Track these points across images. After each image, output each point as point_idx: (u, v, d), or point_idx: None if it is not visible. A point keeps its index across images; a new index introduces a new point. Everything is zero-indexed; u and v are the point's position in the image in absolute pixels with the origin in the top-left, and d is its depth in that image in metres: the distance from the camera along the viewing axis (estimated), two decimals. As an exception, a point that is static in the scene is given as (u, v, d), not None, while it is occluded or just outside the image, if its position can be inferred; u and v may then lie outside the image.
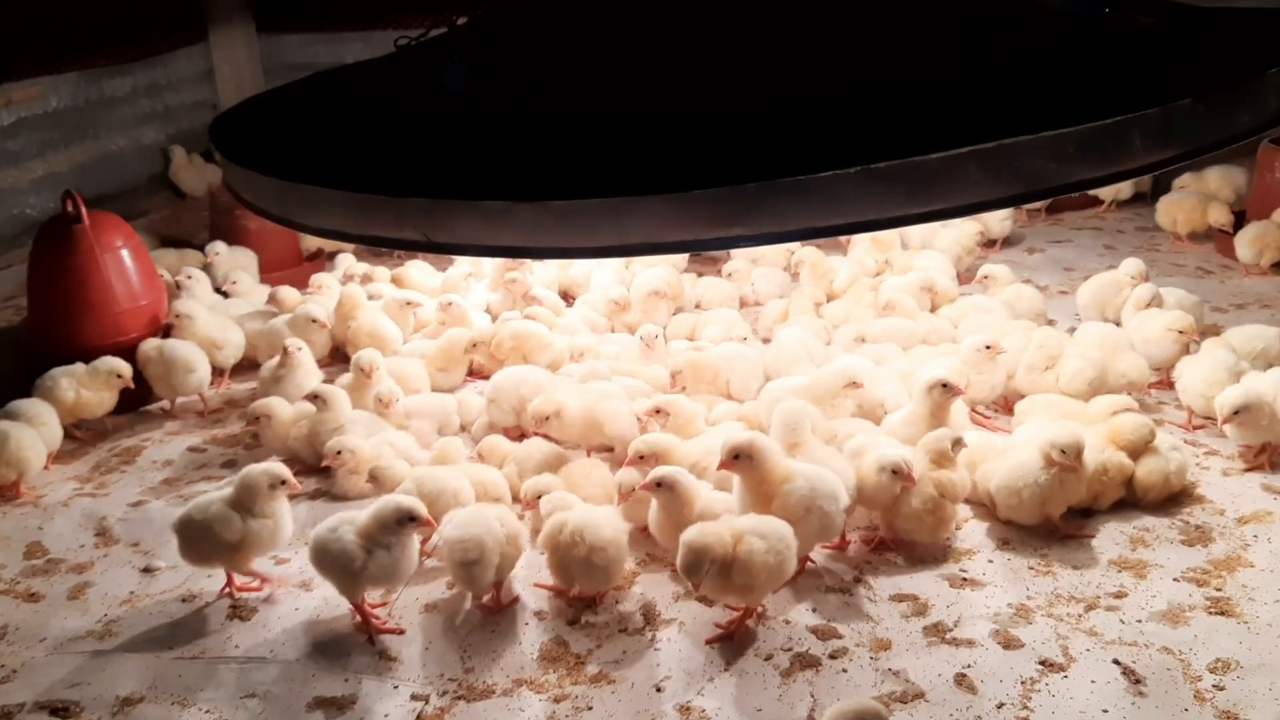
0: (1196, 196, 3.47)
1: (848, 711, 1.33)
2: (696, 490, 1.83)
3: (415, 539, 1.78)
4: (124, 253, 2.75)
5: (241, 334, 2.83)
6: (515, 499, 2.06)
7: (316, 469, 2.27)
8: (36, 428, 2.33)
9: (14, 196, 4.15)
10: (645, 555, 1.94)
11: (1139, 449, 2.02)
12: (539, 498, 1.93)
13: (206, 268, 3.26)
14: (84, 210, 2.71)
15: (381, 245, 1.77)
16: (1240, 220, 3.34)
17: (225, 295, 3.11)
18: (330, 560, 1.73)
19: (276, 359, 2.56)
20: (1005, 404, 2.40)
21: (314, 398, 2.30)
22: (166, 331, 2.72)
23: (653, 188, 1.52)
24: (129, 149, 4.87)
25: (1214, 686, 1.55)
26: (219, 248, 3.32)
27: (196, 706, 1.64)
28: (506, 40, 2.09)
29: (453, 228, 1.63)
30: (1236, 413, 2.05)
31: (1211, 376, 2.20)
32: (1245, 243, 3.18)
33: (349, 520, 1.76)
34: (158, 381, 2.62)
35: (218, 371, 2.77)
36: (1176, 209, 3.48)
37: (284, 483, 1.88)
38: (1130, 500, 2.02)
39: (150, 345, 2.62)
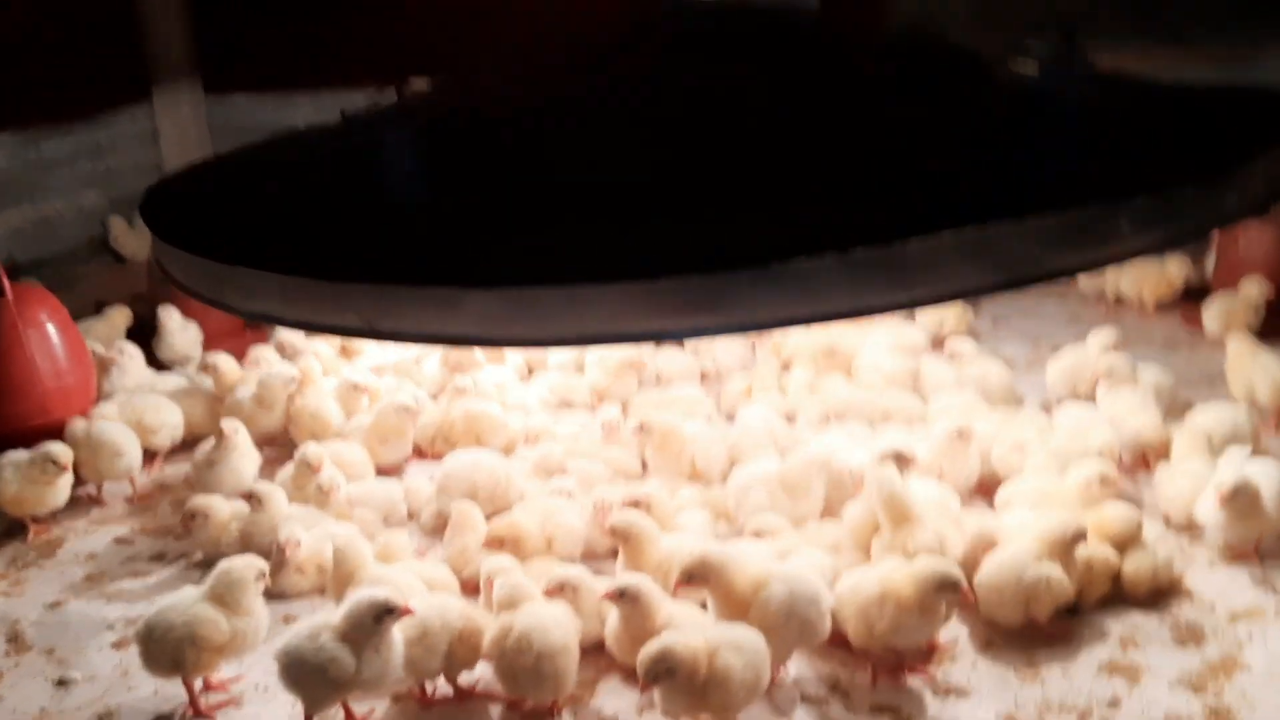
0: (1158, 264, 3.44)
1: None
2: (660, 602, 1.70)
3: (397, 634, 1.63)
4: (50, 327, 2.59)
5: (179, 413, 2.67)
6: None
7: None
8: None
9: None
10: (605, 661, 1.80)
11: (1125, 542, 1.93)
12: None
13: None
14: (6, 283, 2.55)
15: (322, 332, 1.64)
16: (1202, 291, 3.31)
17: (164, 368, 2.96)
18: (311, 672, 1.57)
19: (211, 442, 2.40)
20: (982, 488, 2.31)
21: (249, 496, 2.14)
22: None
23: (615, 275, 1.41)
24: (67, 212, 4.70)
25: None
26: (172, 316, 3.15)
27: None
28: (459, 115, 1.98)
29: (398, 315, 1.51)
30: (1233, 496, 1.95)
31: (1190, 490, 2.09)
32: (1212, 315, 3.14)
33: (323, 626, 1.61)
34: (84, 465, 2.45)
35: (150, 455, 2.60)
36: (1142, 279, 3.44)
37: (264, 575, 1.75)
38: (1116, 596, 1.92)
39: (77, 426, 2.45)
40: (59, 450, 2.28)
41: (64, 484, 2.31)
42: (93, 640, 1.97)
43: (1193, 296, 3.33)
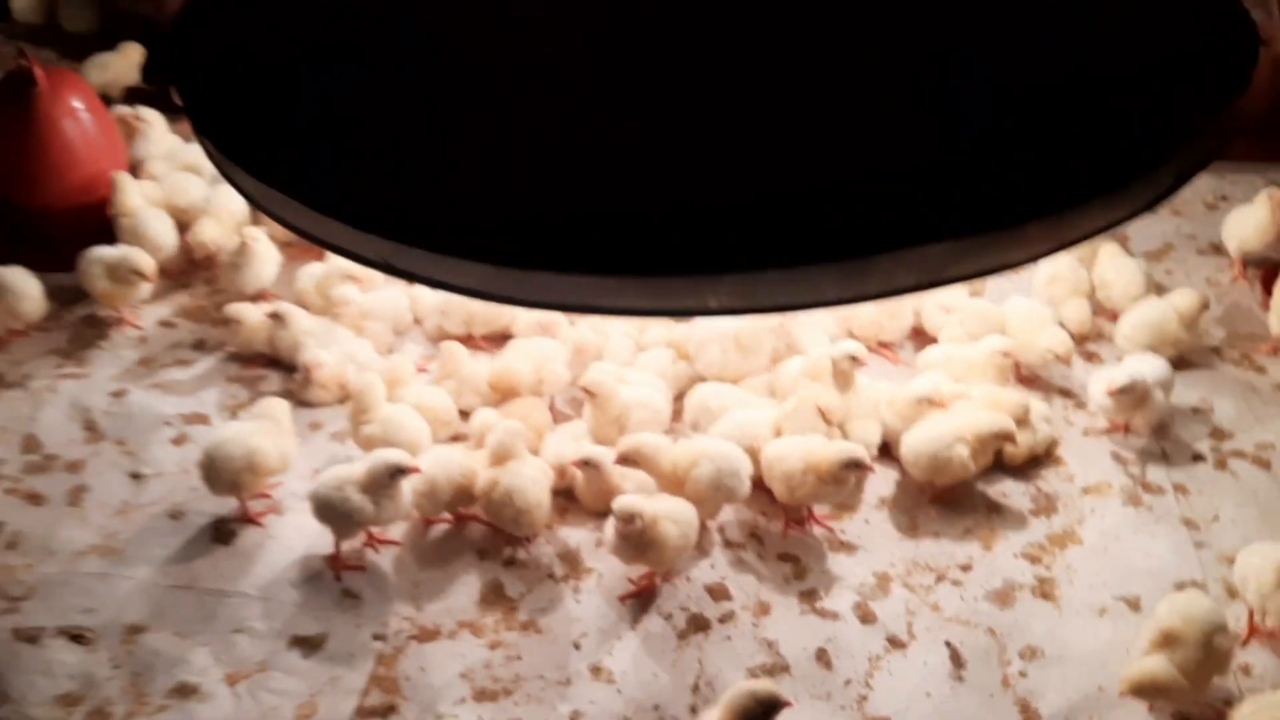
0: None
1: (744, 692, 1.68)
2: (617, 474, 2.12)
3: (407, 486, 2.06)
4: (82, 112, 2.79)
5: (203, 186, 2.92)
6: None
7: (280, 367, 2.53)
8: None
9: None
10: (568, 505, 2.23)
11: (1015, 421, 2.31)
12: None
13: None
14: (40, 71, 2.72)
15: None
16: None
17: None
18: (338, 515, 2.01)
19: (236, 244, 2.69)
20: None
21: (273, 315, 2.48)
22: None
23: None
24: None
25: (1019, 673, 1.94)
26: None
27: (193, 639, 1.97)
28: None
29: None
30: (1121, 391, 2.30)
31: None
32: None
33: (346, 479, 2.02)
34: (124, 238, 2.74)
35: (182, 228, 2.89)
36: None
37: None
38: (996, 464, 2.33)
39: (122, 223, 2.72)
40: (141, 259, 2.57)
41: (144, 286, 2.61)
42: (155, 435, 2.39)
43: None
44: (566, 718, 1.86)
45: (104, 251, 2.58)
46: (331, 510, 2.02)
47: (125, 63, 3.49)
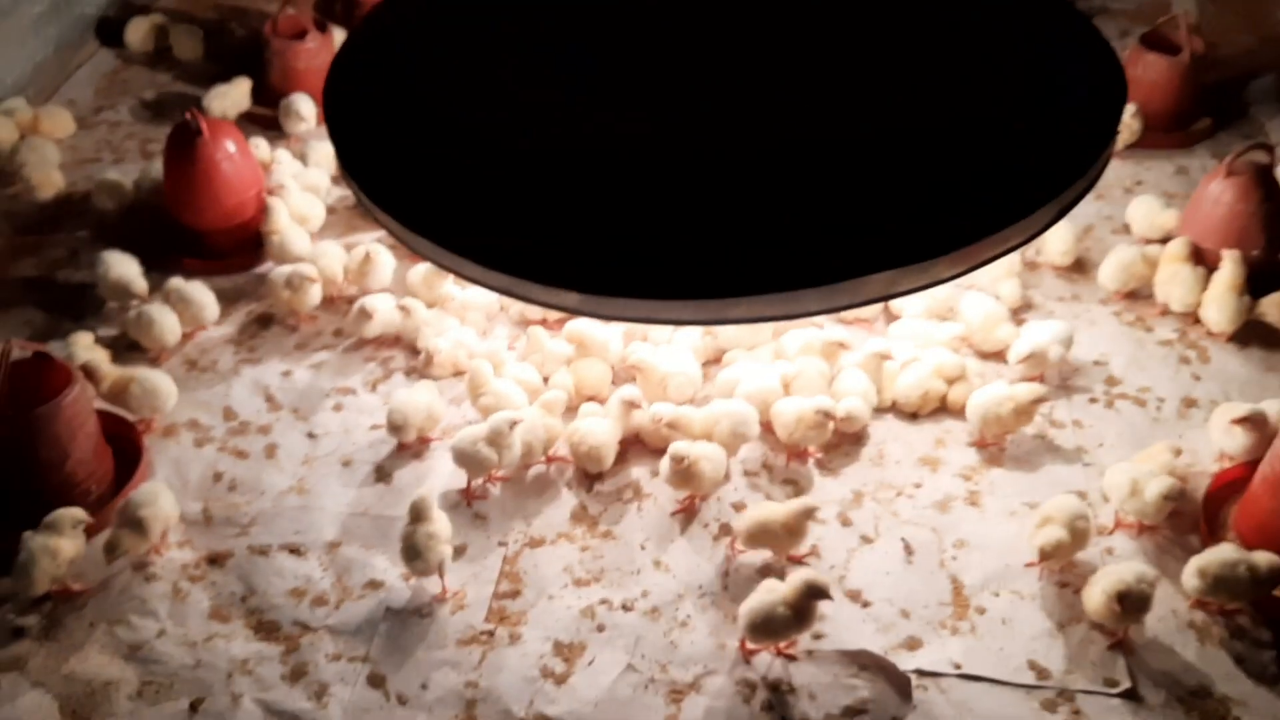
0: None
1: (802, 580, 2.50)
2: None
3: (517, 437, 2.87)
4: (234, 152, 3.58)
5: (323, 208, 3.73)
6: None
7: (403, 347, 3.35)
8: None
9: (74, -2, 4.72)
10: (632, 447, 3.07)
11: (955, 379, 3.13)
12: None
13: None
14: (204, 123, 3.50)
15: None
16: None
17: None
18: (472, 460, 2.82)
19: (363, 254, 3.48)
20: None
21: (402, 308, 3.30)
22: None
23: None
24: None
25: (951, 558, 2.78)
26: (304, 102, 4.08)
27: (376, 549, 2.82)
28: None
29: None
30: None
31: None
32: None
33: (476, 435, 2.82)
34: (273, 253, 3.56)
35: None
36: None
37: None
38: (942, 409, 3.15)
39: (272, 240, 3.53)
40: (306, 268, 3.33)
41: (315, 290, 3.36)
42: (320, 403, 3.21)
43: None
44: (638, 595, 2.71)
45: (281, 269, 3.38)
46: (467, 458, 2.85)
47: (239, 92, 4.26)
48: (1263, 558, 2.50)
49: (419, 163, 2.84)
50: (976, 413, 2.98)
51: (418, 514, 2.63)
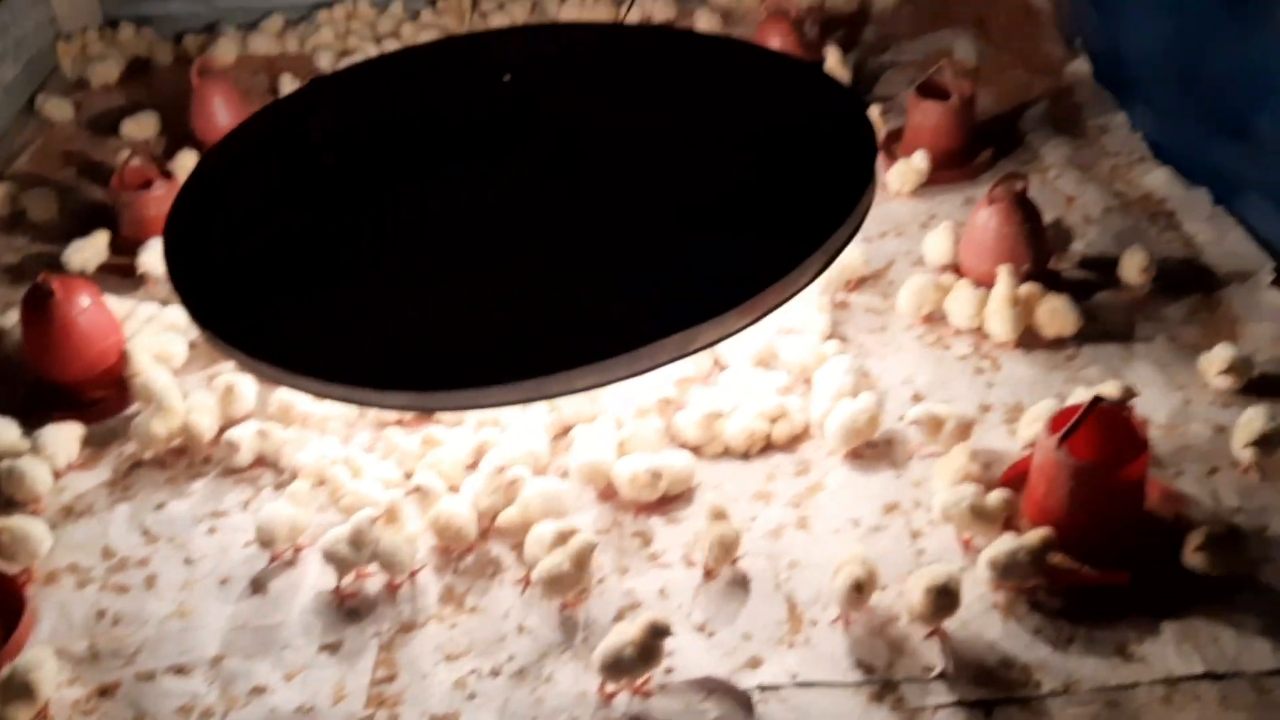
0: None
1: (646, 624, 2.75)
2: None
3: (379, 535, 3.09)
4: (88, 304, 3.79)
5: (185, 345, 3.94)
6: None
7: (269, 466, 3.56)
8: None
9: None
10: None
11: (778, 417, 3.44)
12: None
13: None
14: (55, 285, 3.71)
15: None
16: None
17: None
18: (339, 561, 3.04)
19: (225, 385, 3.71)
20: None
21: (261, 433, 3.52)
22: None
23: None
24: (-3, 93, 5.51)
25: (785, 580, 3.06)
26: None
27: (257, 657, 2.99)
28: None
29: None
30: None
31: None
32: (893, 175, 4.49)
33: (341, 535, 3.03)
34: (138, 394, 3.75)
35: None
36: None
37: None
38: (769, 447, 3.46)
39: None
40: (167, 404, 3.57)
41: (177, 425, 3.58)
42: (194, 530, 3.39)
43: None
44: (505, 660, 2.94)
45: (146, 409, 3.59)
46: (333, 557, 3.07)
47: (96, 246, 4.47)
48: (1033, 535, 2.82)
49: (254, 292, 3.09)
50: (836, 432, 3.28)
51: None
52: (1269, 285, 3.78)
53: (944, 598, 2.78)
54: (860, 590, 2.82)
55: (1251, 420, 3.10)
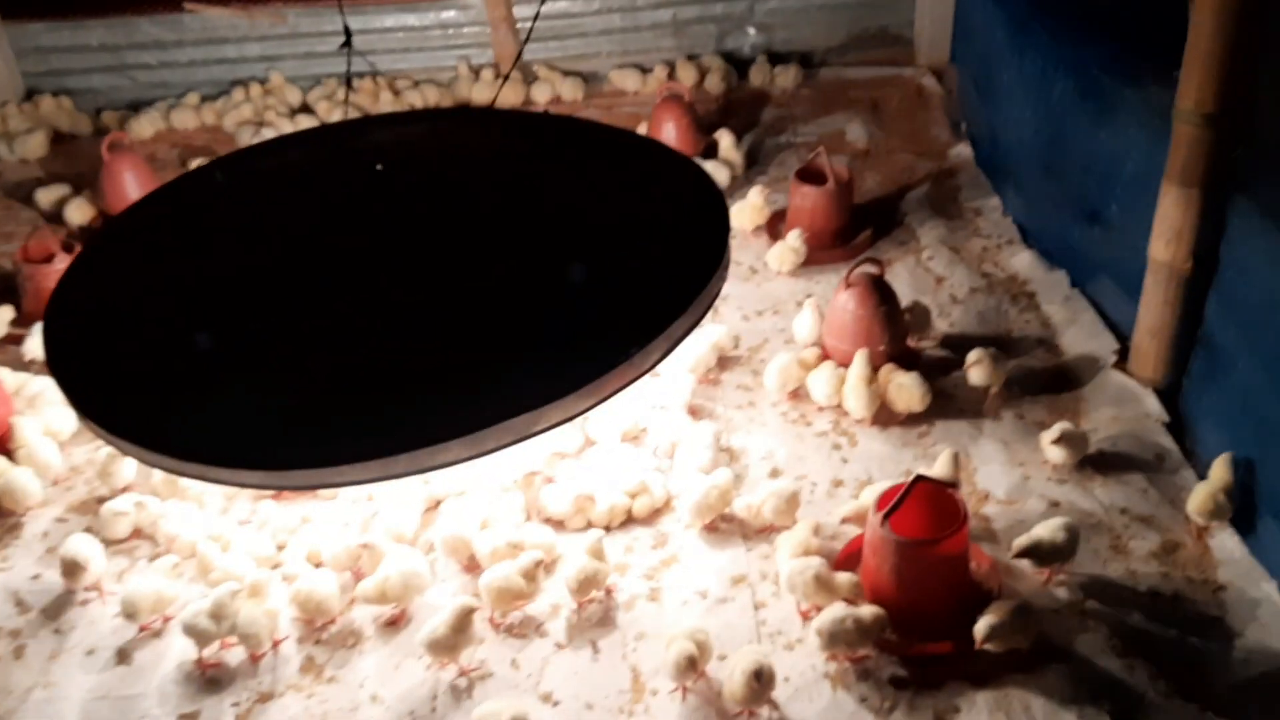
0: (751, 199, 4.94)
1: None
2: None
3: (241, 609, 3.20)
4: (-25, 379, 3.89)
5: (75, 419, 4.04)
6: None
7: (146, 537, 3.65)
8: None
9: None
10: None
11: (638, 493, 3.59)
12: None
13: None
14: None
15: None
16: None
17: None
18: (198, 634, 3.13)
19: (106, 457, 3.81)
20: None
21: (138, 504, 3.62)
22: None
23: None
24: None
25: (632, 650, 3.19)
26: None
27: (114, 728, 3.09)
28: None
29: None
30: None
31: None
32: (773, 255, 4.70)
33: (201, 609, 3.14)
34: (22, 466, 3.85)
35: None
36: (742, 209, 4.94)
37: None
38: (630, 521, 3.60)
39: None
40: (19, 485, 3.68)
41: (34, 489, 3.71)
42: (68, 602, 3.48)
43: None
44: (357, 729, 3.04)
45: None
46: (192, 630, 3.17)
47: (-1, 319, 4.58)
48: (866, 610, 2.98)
49: (123, 372, 3.21)
50: (691, 508, 3.45)
51: None
52: (1112, 367, 3.98)
53: (758, 681, 2.88)
54: (693, 664, 2.94)
55: (1035, 530, 3.20)
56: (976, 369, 3.81)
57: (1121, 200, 4.12)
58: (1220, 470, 3.27)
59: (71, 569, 3.40)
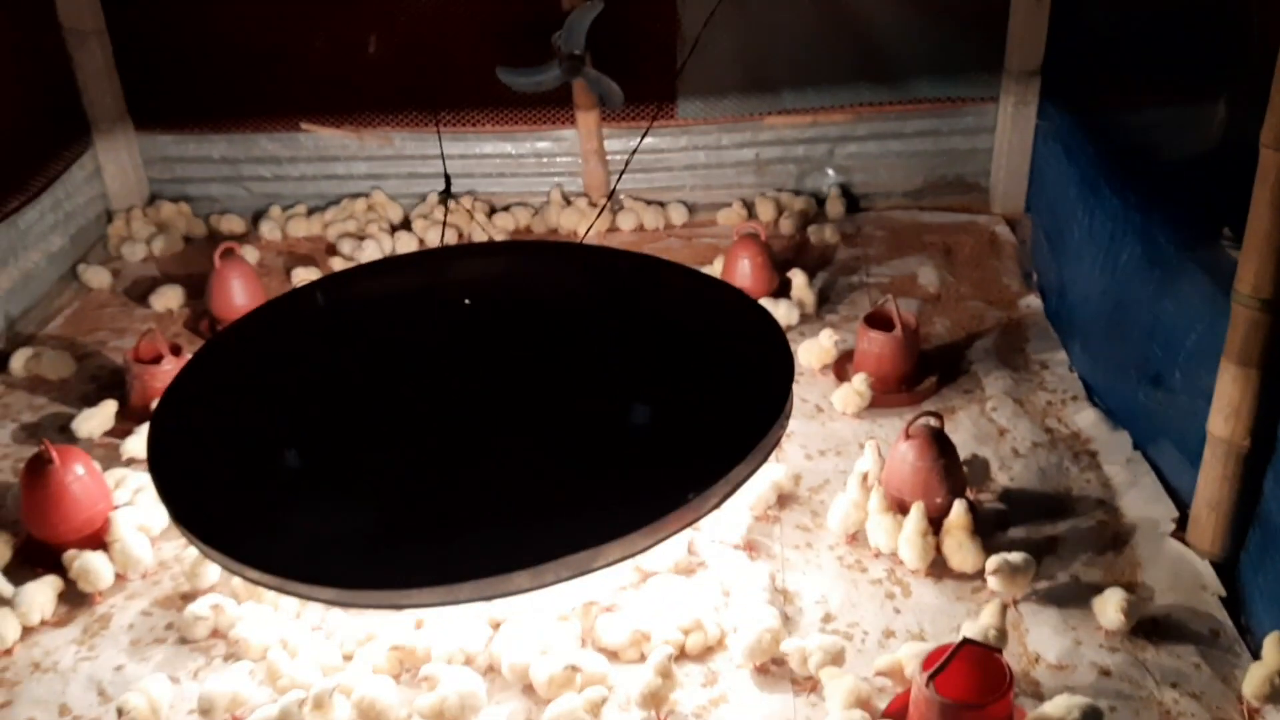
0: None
1: None
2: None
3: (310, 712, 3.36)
4: (82, 473, 4.18)
5: (167, 517, 4.29)
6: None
7: (225, 638, 3.86)
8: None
9: (-39, 332, 5.41)
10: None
11: (690, 630, 3.70)
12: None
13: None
14: (55, 453, 4.12)
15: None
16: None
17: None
18: None
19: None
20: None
21: (215, 607, 3.84)
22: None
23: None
24: (41, 261, 6.08)
25: (676, 788, 3.26)
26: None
27: (179, 824, 3.25)
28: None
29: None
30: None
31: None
32: (837, 397, 4.84)
33: (269, 716, 3.33)
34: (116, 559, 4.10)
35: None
36: (809, 349, 5.11)
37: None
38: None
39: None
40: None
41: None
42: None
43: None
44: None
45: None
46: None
47: (104, 414, 4.90)
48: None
49: (216, 480, 3.46)
50: (743, 649, 3.56)
51: None
52: (1170, 535, 4.01)
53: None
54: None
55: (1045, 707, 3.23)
56: (995, 579, 3.69)
57: (1184, 369, 4.18)
58: (1273, 650, 3.28)
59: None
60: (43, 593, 3.92)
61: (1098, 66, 5.91)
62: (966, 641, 3.14)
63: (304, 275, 5.99)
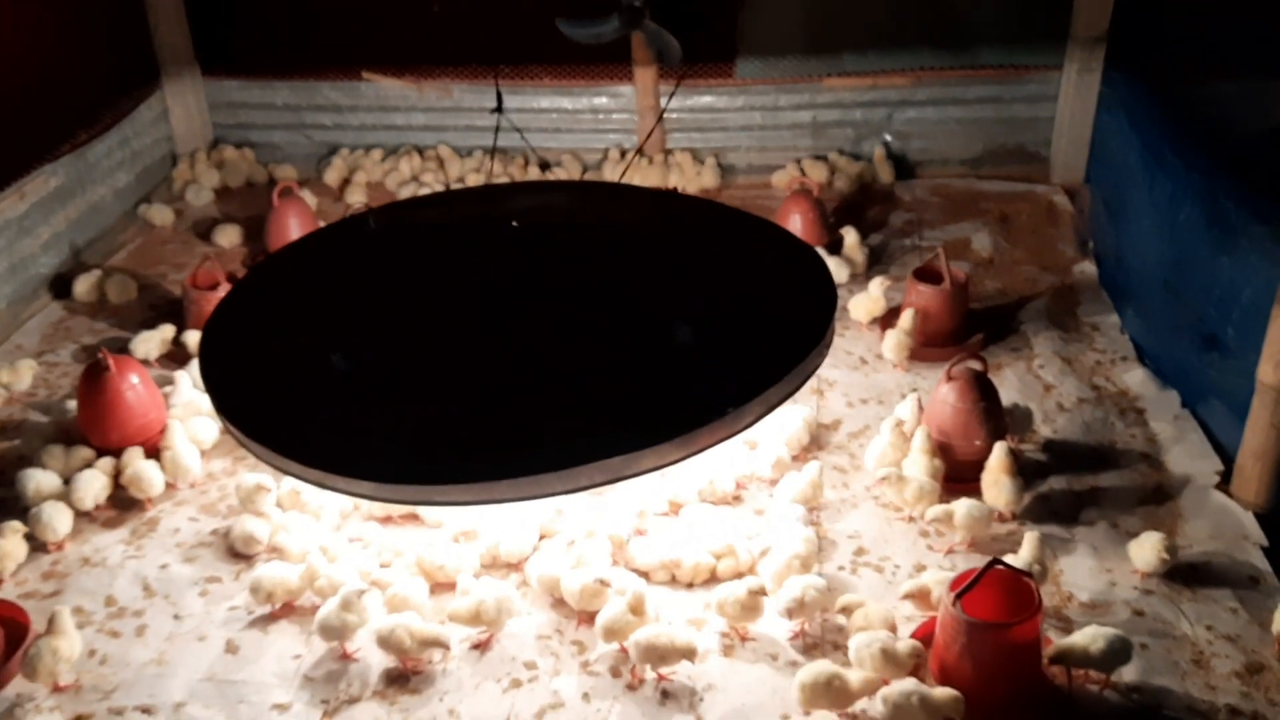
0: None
1: None
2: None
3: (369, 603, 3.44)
4: (136, 382, 4.30)
5: (216, 430, 4.41)
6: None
7: (269, 547, 3.95)
8: None
9: (31, 260, 5.59)
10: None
11: (723, 554, 3.72)
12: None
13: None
14: (111, 360, 4.24)
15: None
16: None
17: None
18: (331, 630, 3.39)
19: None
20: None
21: (274, 550, 3.93)
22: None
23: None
24: (107, 195, 6.24)
25: (700, 700, 3.29)
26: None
27: (216, 708, 3.32)
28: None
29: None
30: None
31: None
32: (887, 344, 4.82)
33: (333, 605, 3.41)
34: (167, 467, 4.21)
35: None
36: (859, 302, 5.10)
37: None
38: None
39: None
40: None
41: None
42: (188, 591, 3.78)
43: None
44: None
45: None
46: (328, 628, 3.40)
47: (161, 337, 5.03)
48: (941, 693, 3.02)
49: (264, 387, 3.55)
50: (772, 576, 3.56)
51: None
52: (1214, 487, 3.95)
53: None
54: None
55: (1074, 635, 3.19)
56: (1026, 547, 3.49)
57: (1238, 325, 4.12)
58: (1314, 597, 3.22)
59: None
60: (97, 479, 4.04)
61: (1164, 33, 5.82)
62: (996, 561, 3.12)
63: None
